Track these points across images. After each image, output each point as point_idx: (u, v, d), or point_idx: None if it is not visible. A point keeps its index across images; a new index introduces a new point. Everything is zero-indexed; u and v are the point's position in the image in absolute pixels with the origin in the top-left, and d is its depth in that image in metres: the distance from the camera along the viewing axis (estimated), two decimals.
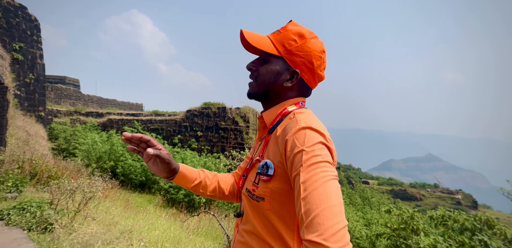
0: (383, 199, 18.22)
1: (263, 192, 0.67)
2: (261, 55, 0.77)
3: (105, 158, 8.69)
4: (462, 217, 3.41)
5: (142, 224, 2.85)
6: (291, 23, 0.76)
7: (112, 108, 20.64)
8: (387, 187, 44.72)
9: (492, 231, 3.20)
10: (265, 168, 0.68)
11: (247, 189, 0.73)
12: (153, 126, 15.77)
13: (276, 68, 0.73)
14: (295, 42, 0.72)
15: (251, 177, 0.73)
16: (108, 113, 16.39)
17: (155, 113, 17.72)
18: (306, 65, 0.73)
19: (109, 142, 9.66)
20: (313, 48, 0.72)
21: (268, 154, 0.70)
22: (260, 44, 0.73)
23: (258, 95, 0.77)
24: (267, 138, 0.74)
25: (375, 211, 9.73)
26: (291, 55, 0.73)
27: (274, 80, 0.74)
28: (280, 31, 0.75)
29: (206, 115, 15.58)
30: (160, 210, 5.23)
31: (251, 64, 0.78)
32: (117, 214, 3.23)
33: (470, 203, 38.20)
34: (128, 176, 8.28)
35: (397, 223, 4.26)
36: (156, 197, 7.39)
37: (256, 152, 0.79)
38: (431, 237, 3.49)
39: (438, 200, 38.81)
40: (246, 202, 0.74)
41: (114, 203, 4.14)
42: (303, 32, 0.73)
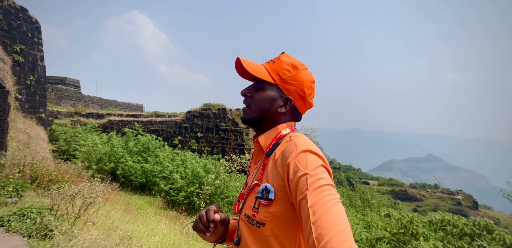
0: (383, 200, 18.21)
1: (264, 217, 0.67)
2: (255, 83, 0.82)
3: (105, 160, 8.69)
4: (461, 222, 3.42)
5: (142, 229, 2.86)
6: (284, 54, 0.82)
7: (113, 109, 20.66)
8: (388, 187, 44.66)
9: (491, 236, 3.20)
10: (265, 192, 0.68)
11: (246, 215, 0.73)
12: (154, 127, 15.79)
13: (270, 95, 0.78)
14: (289, 72, 0.78)
15: (249, 202, 0.73)
16: (108, 114, 16.40)
17: (155, 114, 17.73)
18: (298, 93, 0.79)
19: (110, 144, 9.66)
20: (305, 78, 0.79)
21: (267, 178, 0.71)
22: (258, 73, 0.77)
23: (253, 121, 0.81)
24: (264, 161, 0.75)
25: (375, 213, 9.72)
26: (285, 83, 0.78)
27: (269, 106, 0.78)
28: (275, 61, 0.81)
29: (206, 116, 15.59)
30: (160, 213, 5.24)
31: (246, 90, 0.83)
32: (117, 218, 3.23)
33: (470, 204, 38.10)
34: (128, 177, 8.28)
35: (396, 227, 4.26)
36: (156, 198, 7.40)
37: (253, 176, 0.78)
38: (430, 241, 3.50)
39: (439, 200, 38.74)
40: (245, 229, 0.73)
41: (114, 206, 4.15)
42: (295, 63, 0.79)
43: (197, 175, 7.69)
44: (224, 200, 7.45)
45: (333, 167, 47.53)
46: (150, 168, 8.49)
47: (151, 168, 8.49)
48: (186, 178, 7.75)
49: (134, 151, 9.69)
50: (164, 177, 8.27)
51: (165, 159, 9.22)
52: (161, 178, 8.23)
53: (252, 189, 0.74)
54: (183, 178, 7.79)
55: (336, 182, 37.30)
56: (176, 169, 8.63)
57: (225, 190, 7.53)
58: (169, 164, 8.75)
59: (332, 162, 51.71)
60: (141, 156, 9.59)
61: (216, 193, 7.39)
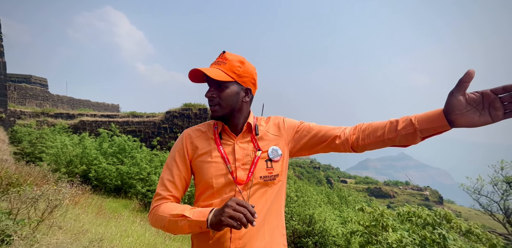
0: (359, 197, 19.11)
1: (278, 169, 0.95)
2: (214, 84, 0.94)
3: (76, 162, 8.18)
4: (424, 212, 3.69)
5: (115, 231, 2.74)
6: (227, 53, 0.95)
7: (85, 109, 19.46)
8: (364, 185, 46.78)
9: (450, 224, 3.50)
10: (275, 152, 0.96)
11: (261, 176, 0.92)
12: (131, 128, 15.13)
13: (234, 90, 0.93)
14: (240, 67, 0.94)
15: (260, 167, 0.93)
16: (80, 114, 15.43)
17: (132, 114, 17.00)
18: (251, 82, 0.98)
19: (81, 145, 9.11)
20: (252, 69, 0.98)
21: (268, 145, 0.97)
22: (220, 76, 0.90)
23: (225, 115, 0.95)
24: (254, 137, 0.98)
25: (351, 209, 10.15)
26: (241, 78, 0.94)
27: (236, 99, 0.94)
28: (225, 62, 0.94)
29: (187, 116, 15.27)
30: (136, 215, 5.04)
31: (210, 93, 0.94)
32: (87, 221, 3.06)
33: (436, 199, 41.18)
34: (102, 180, 7.86)
35: (369, 220, 4.50)
36: (133, 201, 7.11)
37: (248, 150, 0.96)
38: (398, 232, 3.74)
39: (409, 196, 41.37)
40: (260, 188, 0.92)
41: (85, 209, 3.92)
42: (241, 59, 0.95)
43: None
44: None
45: (313, 166, 48.90)
46: (126, 169, 8.14)
47: (128, 170, 8.14)
48: None
49: (109, 152, 9.21)
50: (142, 179, 7.97)
51: (142, 160, 8.88)
52: (138, 180, 7.93)
53: (260, 157, 0.94)
54: None
55: (316, 181, 38.36)
56: (155, 171, 8.36)
57: None
58: (147, 166, 8.45)
59: (312, 162, 53.11)
60: (116, 158, 9.15)
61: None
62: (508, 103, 0.66)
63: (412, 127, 0.79)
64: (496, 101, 0.67)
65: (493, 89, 0.67)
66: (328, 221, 6.70)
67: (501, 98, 0.66)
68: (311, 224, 6.62)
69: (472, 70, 0.67)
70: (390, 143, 0.85)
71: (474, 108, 0.69)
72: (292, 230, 6.53)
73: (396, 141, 0.83)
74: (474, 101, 0.69)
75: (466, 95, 0.69)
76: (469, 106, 0.69)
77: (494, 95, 0.67)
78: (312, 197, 8.74)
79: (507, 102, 0.66)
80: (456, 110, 0.70)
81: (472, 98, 0.69)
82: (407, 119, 0.81)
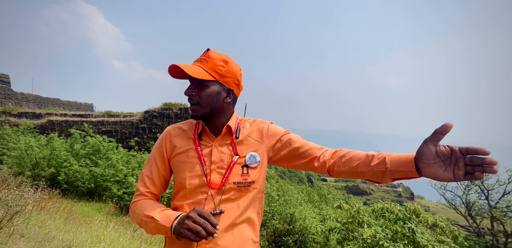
0: (338, 195, 19.78)
1: (254, 176, 0.91)
2: (195, 82, 0.91)
3: (43, 165, 7.58)
4: (396, 208, 3.92)
5: (85, 236, 2.56)
6: (211, 51, 0.92)
7: (54, 108, 18.12)
8: (343, 183, 48.52)
9: (418, 219, 3.75)
10: (253, 158, 0.92)
11: (235, 182, 0.89)
12: (106, 128, 14.36)
13: (215, 90, 0.90)
14: (223, 67, 0.90)
15: (235, 172, 0.90)
16: (48, 114, 14.35)
17: (108, 114, 16.15)
18: (234, 83, 0.94)
19: (50, 146, 8.46)
20: (236, 69, 0.94)
21: (247, 150, 0.94)
22: (200, 74, 0.86)
23: (205, 115, 0.92)
24: (234, 141, 0.94)
25: (330, 207, 10.48)
26: (223, 78, 0.91)
27: (216, 99, 0.91)
28: (207, 60, 0.90)
29: (167, 116, 14.82)
30: (110, 219, 4.79)
31: (189, 91, 0.91)
32: (54, 228, 2.85)
33: (408, 195, 43.87)
34: (73, 183, 7.36)
35: (346, 217, 4.68)
36: (107, 204, 6.75)
37: (224, 154, 0.93)
38: (372, 228, 3.93)
39: (384, 193, 43.63)
40: (234, 194, 0.89)
41: (52, 215, 3.64)
42: (225, 58, 0.91)
43: None
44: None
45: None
46: (100, 171, 7.69)
47: (102, 172, 7.70)
48: None
49: (81, 154, 8.65)
50: (118, 181, 7.59)
51: (118, 161, 8.45)
52: (114, 182, 7.54)
53: (236, 162, 0.91)
54: None
55: (297, 179, 39.12)
56: (132, 172, 8.00)
57: None
58: (124, 167, 8.06)
59: None
60: (90, 159, 8.61)
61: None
62: (468, 165, 0.65)
63: (384, 166, 0.79)
64: (460, 161, 0.67)
65: (460, 148, 0.67)
66: (308, 219, 6.86)
67: (464, 159, 0.66)
68: (292, 222, 6.74)
69: (449, 123, 0.66)
70: (363, 176, 0.86)
71: (442, 161, 0.69)
72: (273, 229, 6.59)
73: (367, 175, 0.83)
74: (443, 154, 0.68)
75: (437, 146, 0.69)
76: (437, 158, 0.69)
77: (460, 154, 0.67)
78: (293, 196, 8.90)
79: (468, 165, 0.65)
80: (424, 159, 0.70)
81: (441, 151, 0.68)
82: (381, 157, 0.81)
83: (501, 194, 7.31)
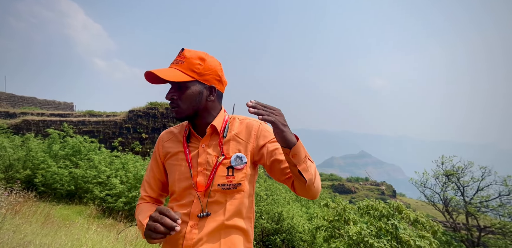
0: (324, 193, 20.18)
1: (240, 178, 0.87)
2: (175, 84, 0.88)
3: (18, 166, 7.14)
4: (380, 205, 4.06)
5: (65, 240, 2.43)
6: (185, 50, 0.88)
7: (30, 107, 17.14)
8: (329, 182, 49.55)
9: (401, 215, 3.90)
10: (238, 159, 0.88)
11: (219, 184, 0.86)
12: (87, 128, 13.78)
13: (196, 90, 0.87)
14: (200, 65, 0.87)
15: (220, 173, 0.87)
16: (23, 113, 13.56)
17: (89, 113, 15.51)
18: (216, 79, 0.90)
19: (25, 147, 7.99)
20: (215, 65, 0.90)
21: (233, 150, 0.89)
22: (177, 77, 0.83)
23: (189, 116, 0.89)
24: (221, 141, 0.90)
25: (317, 206, 10.66)
26: (202, 76, 0.87)
27: (199, 99, 0.88)
28: (183, 61, 0.87)
29: (153, 116, 14.46)
30: (92, 222, 4.59)
31: (170, 95, 0.88)
32: (30, 232, 2.68)
33: (391, 193, 45.54)
34: (51, 185, 6.99)
35: (333, 215, 4.77)
36: (89, 207, 6.47)
37: (210, 154, 0.90)
38: (358, 225, 4.04)
39: (368, 191, 45.00)
40: (219, 196, 0.86)
41: (28, 219, 3.43)
42: (201, 55, 0.88)
43: (140, 179, 7.04)
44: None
45: None
46: (81, 173, 7.36)
47: (83, 173, 7.37)
48: (127, 183, 7.00)
49: (60, 155, 8.23)
50: (100, 182, 7.29)
51: (101, 162, 8.12)
52: (96, 184, 7.23)
53: (221, 163, 0.88)
54: (123, 183, 7.01)
55: None
56: (115, 173, 7.72)
57: None
58: (107, 168, 7.75)
59: None
60: (69, 160, 8.21)
61: None
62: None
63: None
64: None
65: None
66: (295, 218, 6.93)
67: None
68: (280, 221, 6.79)
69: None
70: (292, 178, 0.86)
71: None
72: (261, 229, 6.61)
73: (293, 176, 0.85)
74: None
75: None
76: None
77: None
78: (281, 195, 8.96)
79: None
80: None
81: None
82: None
83: (475, 190, 7.78)
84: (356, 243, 3.63)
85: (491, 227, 6.82)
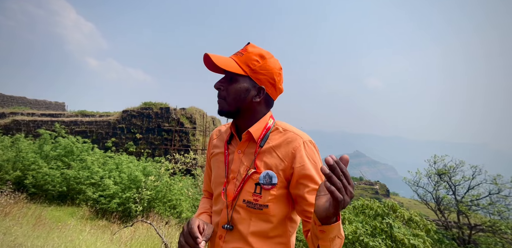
0: None
1: (267, 200, 0.76)
2: (227, 75, 0.83)
3: (7, 168, 6.97)
4: (375, 205, 4.10)
5: (57, 242, 2.38)
6: (250, 45, 0.84)
7: (20, 107, 16.75)
8: None
9: (396, 214, 3.95)
10: (268, 178, 0.77)
11: (245, 200, 0.78)
12: (80, 128, 13.56)
13: (244, 86, 0.81)
14: (258, 62, 0.81)
15: (248, 189, 0.78)
16: (13, 113, 13.25)
17: (82, 113, 15.26)
18: (269, 81, 0.82)
19: (15, 148, 7.80)
20: (273, 66, 0.83)
21: (266, 166, 0.79)
22: (228, 66, 0.78)
23: (230, 112, 0.83)
24: (256, 150, 0.81)
25: None
26: (256, 74, 0.81)
27: (244, 97, 0.81)
28: (243, 53, 0.82)
29: (147, 116, 14.30)
30: (85, 223, 4.51)
31: (219, 83, 0.84)
32: (21, 234, 2.61)
33: (384, 192, 46.18)
34: (42, 186, 6.84)
35: None
36: (82, 208, 6.35)
37: (243, 164, 0.82)
38: (353, 224, 4.08)
39: (362, 191, 45.52)
40: (244, 213, 0.78)
41: (19, 220, 3.34)
42: (263, 53, 0.82)
43: (134, 179, 6.94)
44: (166, 204, 6.94)
45: None
46: (74, 174, 7.22)
47: (76, 174, 7.23)
48: (121, 183, 6.90)
49: (51, 155, 8.06)
50: (93, 183, 7.17)
51: (94, 163, 7.98)
52: (89, 185, 7.11)
53: (250, 177, 0.79)
54: (117, 184, 6.90)
55: None
56: (109, 174, 7.60)
57: (168, 193, 7.03)
58: (100, 169, 7.62)
59: None
60: (61, 161, 8.05)
61: (157, 197, 6.82)
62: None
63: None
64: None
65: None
66: None
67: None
68: None
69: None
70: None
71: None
72: None
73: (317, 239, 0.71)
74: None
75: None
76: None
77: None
78: None
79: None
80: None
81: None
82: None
83: (466, 189, 7.94)
84: (352, 242, 3.67)
85: (482, 225, 6.97)
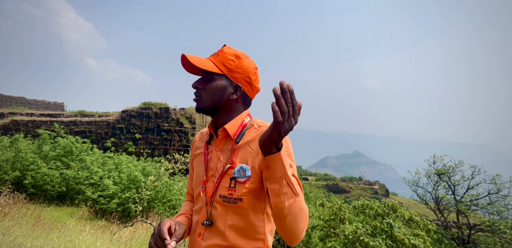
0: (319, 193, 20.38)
1: (241, 193, 0.77)
2: (204, 75, 0.87)
3: (6, 168, 6.94)
4: (375, 205, 4.10)
5: (57, 243, 2.36)
6: (226, 46, 0.89)
7: (19, 107, 16.70)
8: (323, 182, 49.94)
9: (396, 214, 3.95)
10: (241, 171, 0.78)
11: (221, 195, 0.79)
12: (79, 128, 13.52)
13: (221, 84, 0.84)
14: (234, 61, 0.85)
15: (224, 184, 0.80)
16: (12, 113, 13.21)
17: (81, 113, 15.23)
18: (245, 80, 0.86)
19: (14, 148, 7.77)
20: (249, 66, 0.87)
21: (241, 160, 0.80)
22: (205, 65, 0.82)
23: (208, 109, 0.86)
24: (233, 146, 0.83)
25: (312, 205, 10.71)
26: (232, 72, 0.85)
27: (221, 95, 0.84)
28: (219, 54, 0.86)
29: (146, 116, 14.27)
30: (84, 224, 4.49)
31: (197, 83, 0.87)
32: (21, 235, 2.60)
33: (384, 192, 46.24)
34: (41, 187, 6.82)
35: (328, 214, 4.80)
36: (81, 208, 6.33)
37: (220, 160, 0.84)
38: (353, 224, 4.08)
39: (362, 191, 45.58)
40: (220, 208, 0.80)
41: (18, 221, 3.33)
42: (238, 54, 0.86)
43: (134, 179, 6.93)
44: (165, 204, 6.93)
45: None
46: (73, 174, 7.20)
47: (75, 174, 7.22)
48: (120, 183, 6.88)
49: (51, 155, 8.04)
50: (92, 183, 7.15)
51: (93, 163, 7.96)
52: (88, 185, 7.09)
53: (226, 172, 0.81)
54: (116, 184, 6.89)
55: None
56: (108, 174, 7.58)
57: (168, 193, 7.02)
58: (99, 169, 7.61)
59: None
60: (60, 161, 8.03)
61: (157, 198, 6.81)
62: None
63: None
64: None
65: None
66: None
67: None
68: None
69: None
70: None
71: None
72: None
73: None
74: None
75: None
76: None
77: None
78: None
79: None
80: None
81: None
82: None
83: (465, 189, 7.96)
84: (352, 242, 3.66)
85: (481, 225, 6.98)
